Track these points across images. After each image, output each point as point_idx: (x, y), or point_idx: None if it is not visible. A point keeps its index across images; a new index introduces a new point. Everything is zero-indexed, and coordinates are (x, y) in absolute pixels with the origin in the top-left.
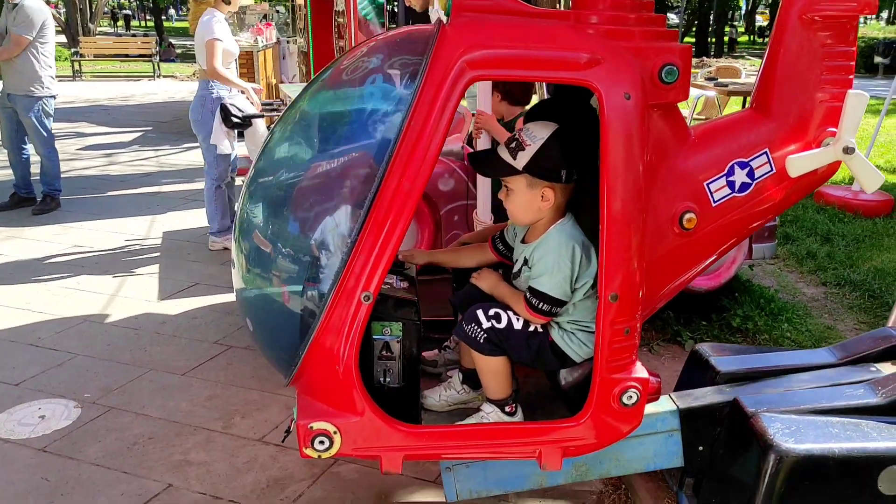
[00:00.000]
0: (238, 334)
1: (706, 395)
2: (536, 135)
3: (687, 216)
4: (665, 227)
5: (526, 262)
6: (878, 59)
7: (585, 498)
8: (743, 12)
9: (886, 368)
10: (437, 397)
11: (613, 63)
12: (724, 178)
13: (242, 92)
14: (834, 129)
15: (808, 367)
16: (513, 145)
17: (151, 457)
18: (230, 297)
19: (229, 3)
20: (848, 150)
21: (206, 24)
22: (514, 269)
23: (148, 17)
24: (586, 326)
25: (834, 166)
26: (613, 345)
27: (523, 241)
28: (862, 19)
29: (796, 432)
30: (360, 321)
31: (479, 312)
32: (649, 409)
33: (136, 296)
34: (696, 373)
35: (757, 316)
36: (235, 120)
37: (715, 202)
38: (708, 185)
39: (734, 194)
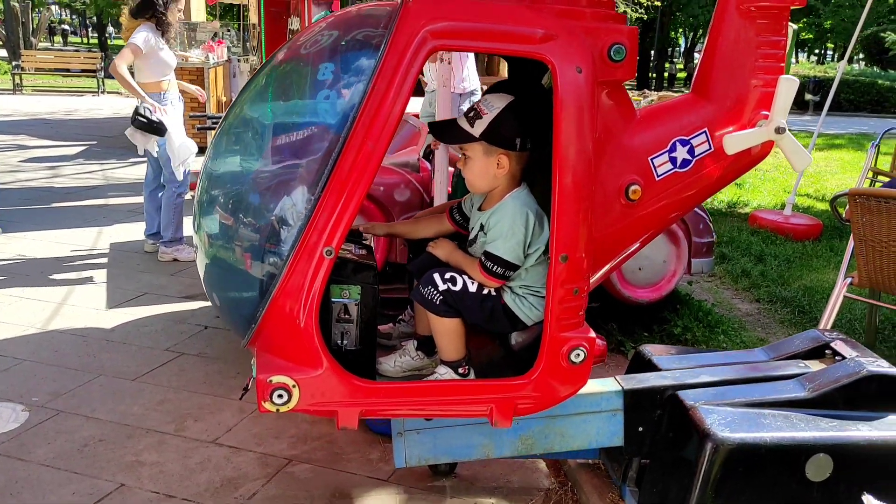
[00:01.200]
0: (189, 342)
1: (649, 379)
2: (493, 104)
3: (632, 188)
4: (612, 199)
5: (482, 228)
6: (808, 97)
7: (533, 495)
8: (682, 50)
9: (814, 366)
10: (392, 364)
11: (566, 39)
12: (667, 153)
13: (160, 106)
14: (767, 112)
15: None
16: (471, 114)
17: (103, 458)
18: (181, 307)
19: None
20: (779, 131)
21: (135, 32)
22: (470, 237)
23: (91, 34)
24: (537, 291)
25: (767, 146)
26: (563, 304)
27: (480, 209)
28: (794, 59)
29: (731, 423)
30: (322, 276)
31: (436, 276)
32: (595, 388)
33: (84, 304)
34: (640, 372)
35: (696, 327)
36: (141, 120)
37: (658, 176)
38: (652, 160)
39: (676, 170)
